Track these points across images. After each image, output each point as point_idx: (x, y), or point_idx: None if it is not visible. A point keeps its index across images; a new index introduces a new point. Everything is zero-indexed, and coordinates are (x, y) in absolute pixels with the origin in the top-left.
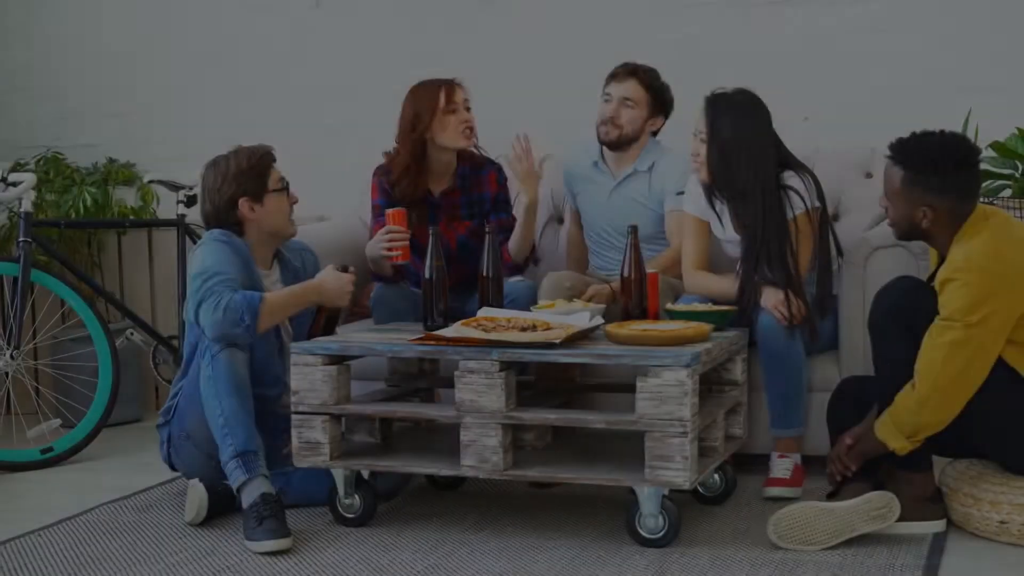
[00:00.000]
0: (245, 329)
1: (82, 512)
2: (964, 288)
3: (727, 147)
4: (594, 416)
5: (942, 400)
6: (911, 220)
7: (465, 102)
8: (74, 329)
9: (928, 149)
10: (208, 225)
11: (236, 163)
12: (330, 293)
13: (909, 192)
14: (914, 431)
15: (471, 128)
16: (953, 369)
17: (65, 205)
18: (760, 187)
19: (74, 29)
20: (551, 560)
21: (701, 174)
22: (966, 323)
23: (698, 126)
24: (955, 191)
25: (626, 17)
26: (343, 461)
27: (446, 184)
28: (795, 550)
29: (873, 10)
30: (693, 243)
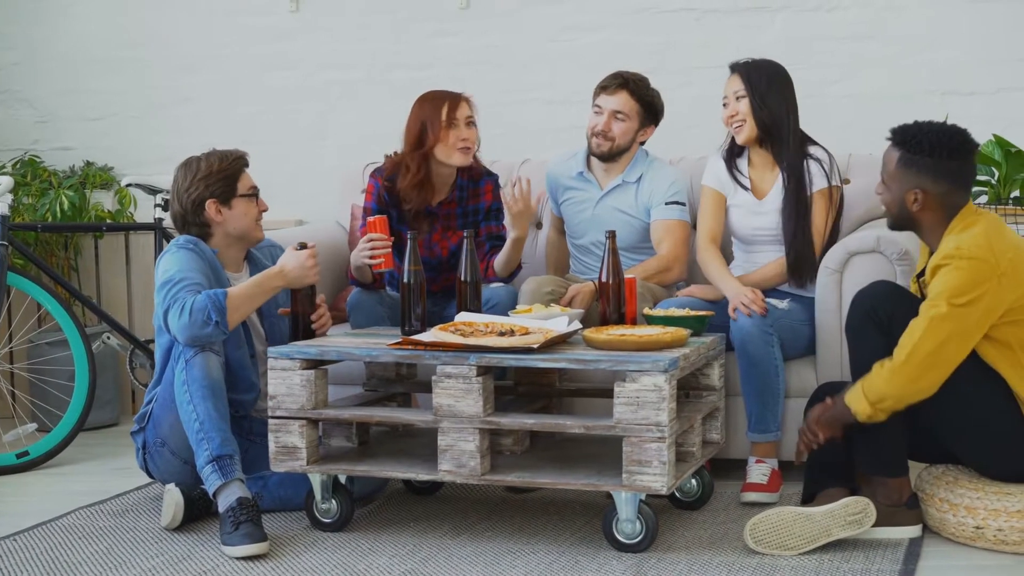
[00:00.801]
0: (215, 327)
1: (58, 516)
2: (955, 272)
3: (768, 98)
4: (572, 421)
5: (912, 372)
6: (903, 204)
7: (468, 119)
8: (50, 333)
9: (927, 133)
10: (176, 225)
11: (207, 165)
12: (292, 273)
13: (903, 173)
14: (879, 398)
15: (468, 148)
16: (931, 343)
17: (42, 208)
18: (799, 142)
19: (52, 32)
20: (528, 565)
21: (743, 133)
22: (951, 303)
23: (728, 89)
24: (948, 177)
25: (605, 23)
26: (320, 465)
27: (444, 195)
28: (771, 555)
29: (851, 16)
30: (708, 217)
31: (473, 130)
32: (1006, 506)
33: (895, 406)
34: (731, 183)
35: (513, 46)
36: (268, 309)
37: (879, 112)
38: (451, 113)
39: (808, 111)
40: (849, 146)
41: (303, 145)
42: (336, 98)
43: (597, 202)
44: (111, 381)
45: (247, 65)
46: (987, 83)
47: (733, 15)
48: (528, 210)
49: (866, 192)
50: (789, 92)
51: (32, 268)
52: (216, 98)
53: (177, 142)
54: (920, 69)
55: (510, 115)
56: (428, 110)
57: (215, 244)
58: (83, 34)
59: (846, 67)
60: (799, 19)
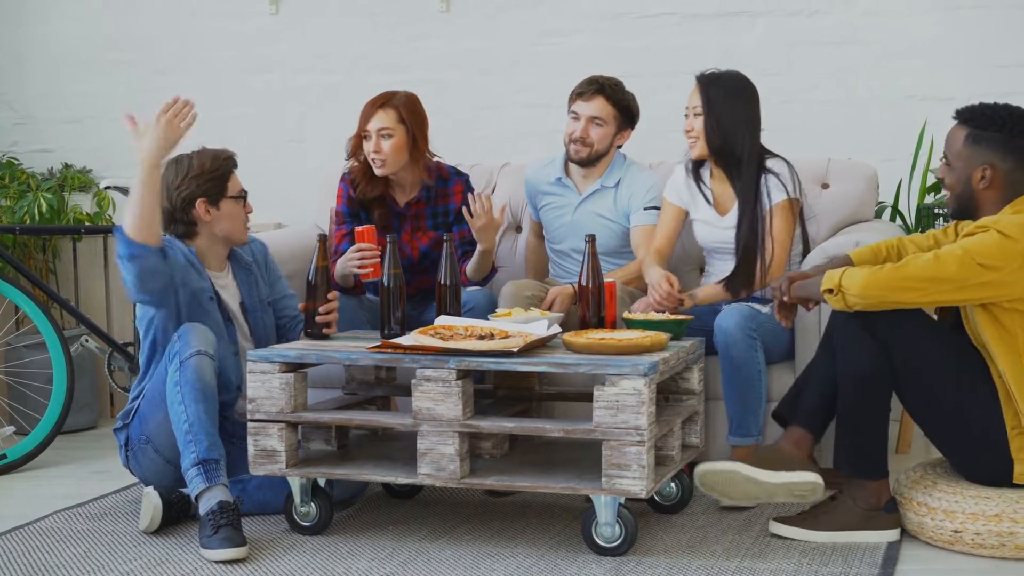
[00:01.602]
0: (128, 258)
1: (36, 520)
2: (985, 236)
3: (724, 117)
4: (551, 425)
5: (893, 281)
6: (968, 182)
7: (382, 130)
8: (28, 335)
9: (995, 110)
10: (164, 222)
11: (199, 163)
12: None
13: (972, 150)
14: (850, 283)
15: (381, 160)
16: (929, 270)
17: (20, 211)
18: (754, 163)
19: (30, 34)
20: (508, 568)
21: (695, 149)
22: (969, 253)
23: (690, 102)
24: (1016, 153)
25: (585, 26)
26: (299, 469)
27: (412, 195)
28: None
29: (831, 22)
30: (662, 229)
31: (387, 142)
32: (984, 510)
33: (854, 301)
34: (694, 196)
35: (493, 50)
36: (251, 304)
37: (858, 117)
38: (363, 124)
39: (787, 116)
40: (828, 151)
41: (283, 148)
42: (316, 101)
43: (576, 207)
44: (89, 384)
45: (227, 67)
46: (965, 89)
47: (714, 19)
48: (492, 223)
49: (845, 196)
50: (750, 108)
51: (10, 270)
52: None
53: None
54: (899, 75)
55: (490, 119)
56: (361, 114)
57: (199, 243)
58: (63, 36)
59: (825, 72)
60: (779, 24)
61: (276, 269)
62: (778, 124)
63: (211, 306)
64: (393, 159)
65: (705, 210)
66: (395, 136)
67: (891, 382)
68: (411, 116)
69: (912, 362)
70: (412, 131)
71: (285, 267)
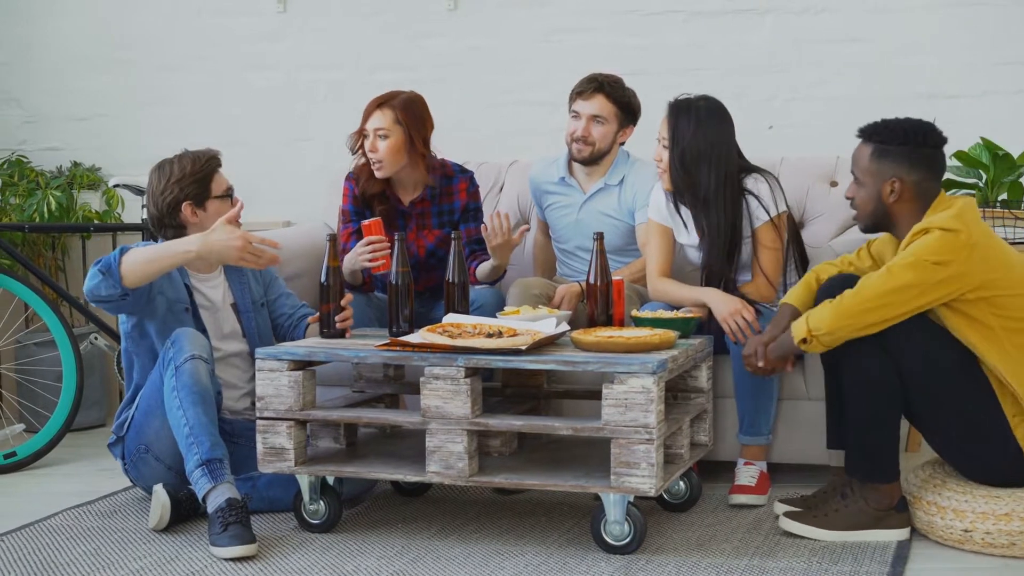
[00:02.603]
0: (103, 278)
1: (46, 517)
2: (928, 238)
3: (688, 153)
4: (560, 423)
5: (858, 307)
6: (879, 198)
7: (379, 131)
8: (38, 333)
9: (897, 124)
10: (152, 227)
11: (180, 167)
12: (214, 245)
13: (879, 165)
14: (818, 324)
15: (377, 160)
16: (887, 284)
17: (29, 209)
18: (722, 195)
19: (39, 32)
20: (516, 566)
21: (664, 181)
22: (920, 257)
23: (661, 132)
24: (922, 164)
25: (592, 24)
26: (308, 467)
27: (416, 193)
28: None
29: (839, 20)
30: (656, 250)
31: (384, 142)
32: (994, 509)
33: (829, 340)
34: (675, 220)
35: (500, 48)
36: (244, 305)
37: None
38: (362, 124)
39: (795, 113)
40: (836, 148)
41: (290, 145)
42: (322, 98)
43: (580, 206)
44: (99, 382)
45: (234, 65)
46: (973, 86)
47: (720, 17)
48: (509, 243)
49: None
50: (722, 137)
51: (19, 268)
52: (204, 98)
53: (165, 143)
54: (907, 72)
55: (498, 117)
56: (363, 113)
57: None
58: (71, 34)
59: (833, 70)
60: (786, 21)
61: (271, 271)
62: (786, 122)
63: (186, 317)
64: (390, 160)
65: (686, 235)
66: (391, 137)
67: (900, 389)
68: (409, 118)
69: (919, 370)
70: (409, 132)
71: (292, 265)
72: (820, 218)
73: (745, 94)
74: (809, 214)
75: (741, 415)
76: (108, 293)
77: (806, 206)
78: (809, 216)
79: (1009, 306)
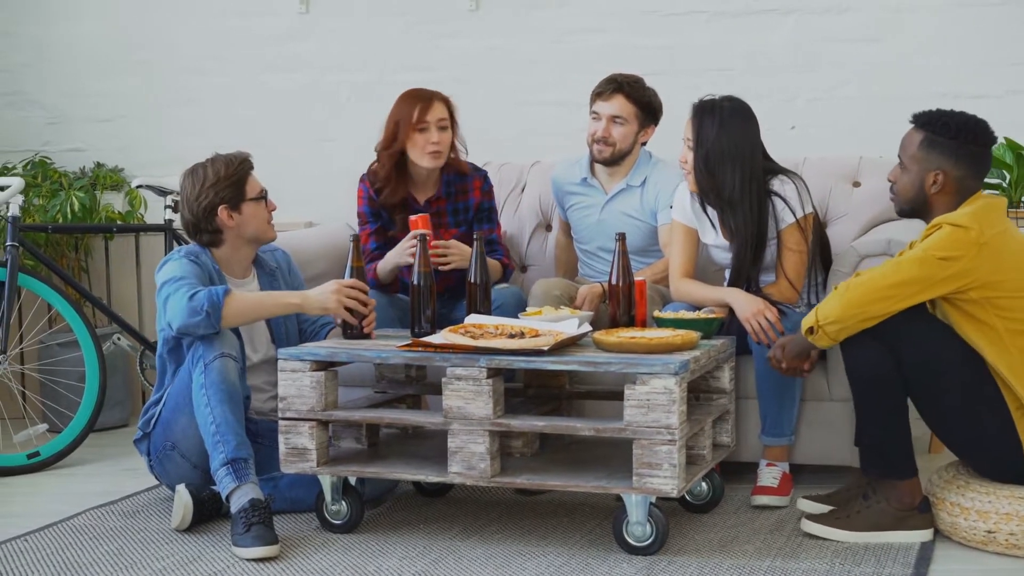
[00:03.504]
0: (205, 317)
1: (68, 517)
2: (939, 233)
3: (712, 155)
4: (582, 423)
5: (865, 297)
6: (920, 185)
7: (440, 121)
8: (61, 333)
9: (952, 116)
10: (187, 232)
11: (214, 171)
12: (312, 298)
13: (926, 155)
14: (826, 315)
15: (438, 151)
16: (893, 276)
17: (53, 209)
18: (748, 196)
19: (64, 34)
20: (538, 567)
21: (689, 183)
22: (927, 251)
23: (686, 133)
24: (968, 161)
25: (614, 25)
26: (330, 467)
27: (431, 192)
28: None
29: (861, 19)
30: (680, 251)
31: (446, 133)
32: (1018, 510)
33: (836, 331)
34: (700, 220)
35: (522, 48)
36: None
37: (888, 115)
38: (421, 116)
39: (817, 114)
40: (859, 148)
41: (312, 147)
42: (345, 99)
43: (602, 207)
44: (121, 382)
45: (256, 66)
46: (996, 86)
47: (743, 17)
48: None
49: (876, 195)
50: (746, 138)
51: (43, 269)
52: (226, 99)
53: (187, 143)
54: (929, 72)
55: (519, 117)
56: (403, 109)
57: (226, 250)
58: (93, 36)
59: (856, 70)
60: (809, 21)
61: (299, 275)
62: (808, 122)
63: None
64: (448, 150)
65: (713, 235)
66: (447, 129)
67: (902, 383)
68: (454, 113)
69: (920, 364)
70: (454, 126)
71: (315, 266)
72: (843, 219)
73: (768, 94)
74: (832, 214)
75: (763, 416)
76: (203, 332)
77: (829, 206)
78: (832, 217)
79: (1014, 308)
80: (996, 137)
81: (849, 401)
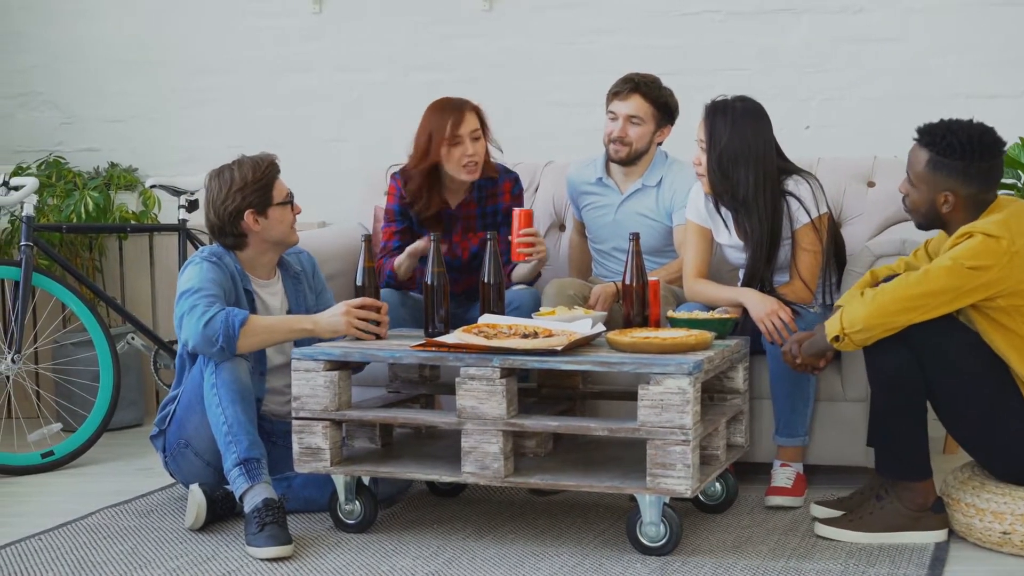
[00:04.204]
0: (220, 351)
1: (82, 516)
2: (970, 241)
3: (725, 155)
4: (596, 423)
5: (893, 306)
6: (932, 205)
7: (474, 132)
8: (75, 333)
9: (956, 134)
10: (212, 234)
11: (241, 175)
12: (323, 323)
13: (933, 175)
14: (852, 322)
15: (475, 163)
16: (923, 287)
17: (67, 209)
18: (761, 196)
19: (77, 34)
20: (552, 567)
21: (703, 184)
22: (957, 261)
23: (699, 134)
24: (979, 178)
25: (627, 24)
26: (344, 467)
27: (463, 196)
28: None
29: (876, 19)
30: (694, 251)
31: (480, 143)
32: None
33: (863, 339)
34: (714, 220)
35: (535, 48)
36: (298, 312)
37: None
38: (454, 129)
39: (832, 114)
40: (873, 148)
41: (324, 147)
42: (357, 100)
43: (618, 207)
44: (135, 381)
45: (269, 66)
46: (1011, 86)
47: (757, 17)
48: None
49: (890, 195)
50: (758, 139)
51: (57, 269)
52: (238, 99)
53: (201, 143)
54: (944, 72)
55: (533, 117)
56: (435, 122)
57: (250, 252)
58: (107, 37)
59: (870, 69)
60: (823, 21)
61: (322, 280)
62: (823, 122)
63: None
64: (483, 160)
65: (727, 235)
66: (481, 139)
67: (924, 385)
68: (485, 121)
69: (943, 367)
70: (486, 133)
71: (328, 266)
72: (857, 219)
73: (782, 94)
74: (846, 215)
75: (777, 416)
76: (220, 359)
77: (843, 207)
78: (846, 217)
79: None
80: (1004, 144)
81: (863, 402)
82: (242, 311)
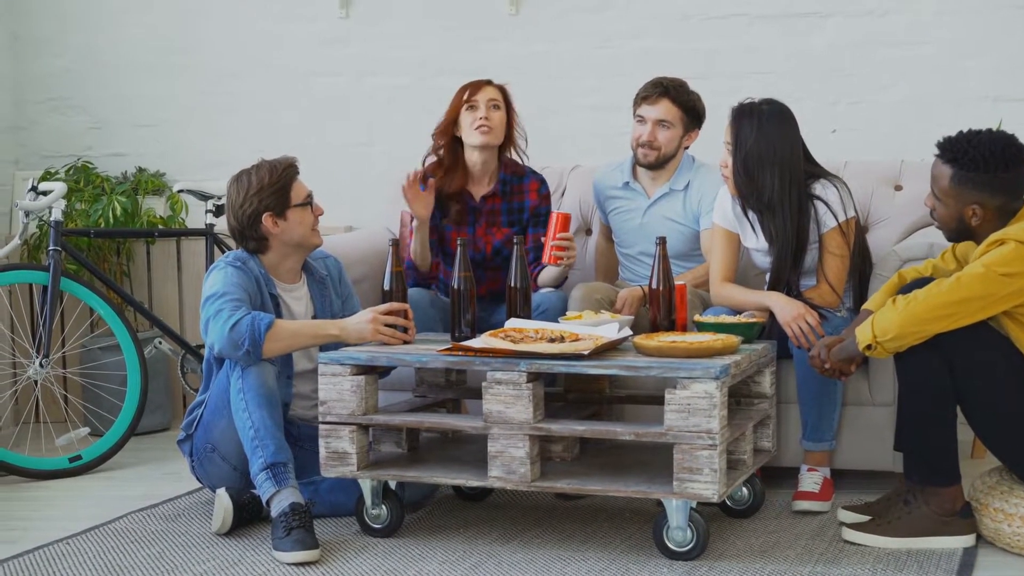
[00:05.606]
0: (245, 355)
1: (110, 521)
2: (1002, 248)
3: (752, 158)
4: (622, 428)
5: (926, 314)
6: (961, 218)
7: (490, 101)
8: (103, 338)
9: (978, 147)
10: (234, 239)
11: (258, 178)
12: (349, 329)
13: (959, 190)
14: (884, 330)
15: (487, 126)
16: (955, 294)
17: (95, 214)
18: (788, 199)
19: (104, 39)
20: (579, 572)
21: (729, 187)
22: (990, 268)
23: (725, 136)
24: (1005, 189)
25: (653, 27)
26: (370, 471)
27: (487, 188)
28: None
29: (902, 21)
30: (721, 255)
31: (497, 112)
32: None
33: (895, 344)
34: (742, 224)
35: (562, 52)
36: (323, 317)
37: (930, 118)
38: (472, 95)
39: (859, 117)
40: (901, 152)
41: (351, 151)
42: (384, 104)
43: (645, 211)
44: (163, 386)
45: (296, 70)
46: None
47: (783, 20)
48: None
49: (918, 198)
50: (784, 142)
51: (85, 273)
52: (266, 104)
53: (228, 148)
54: (971, 74)
55: (559, 121)
56: (456, 95)
57: (273, 256)
58: (135, 41)
59: (897, 72)
60: (850, 24)
61: (349, 285)
62: (850, 126)
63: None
64: (499, 130)
65: (754, 239)
66: (500, 110)
67: (954, 391)
68: (509, 100)
69: (974, 373)
70: (510, 113)
71: (355, 270)
72: (884, 222)
73: (809, 97)
74: (873, 218)
75: (804, 421)
76: (245, 363)
77: (870, 210)
78: (873, 220)
79: None
80: None
81: (891, 406)
82: (268, 315)
